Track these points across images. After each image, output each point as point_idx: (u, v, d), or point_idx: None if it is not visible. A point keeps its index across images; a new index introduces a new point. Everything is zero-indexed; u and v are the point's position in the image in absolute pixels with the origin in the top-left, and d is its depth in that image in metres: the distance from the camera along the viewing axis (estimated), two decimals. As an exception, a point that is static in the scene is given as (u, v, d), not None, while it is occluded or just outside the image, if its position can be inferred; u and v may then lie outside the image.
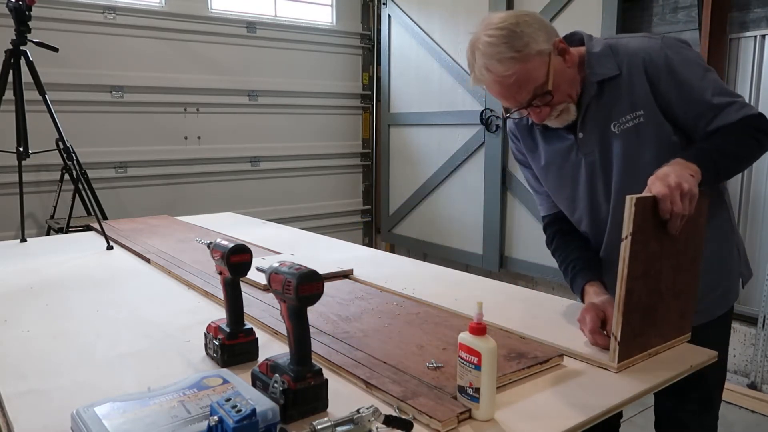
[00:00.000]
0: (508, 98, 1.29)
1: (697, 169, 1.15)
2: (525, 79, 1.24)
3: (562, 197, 1.47)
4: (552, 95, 1.26)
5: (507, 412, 0.94)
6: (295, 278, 0.89)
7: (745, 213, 3.09)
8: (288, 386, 0.90)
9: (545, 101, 1.27)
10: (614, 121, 1.32)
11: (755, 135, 1.25)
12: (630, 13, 3.36)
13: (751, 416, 2.86)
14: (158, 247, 2.13)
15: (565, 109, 1.31)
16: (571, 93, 1.31)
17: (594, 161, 1.36)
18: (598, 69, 1.30)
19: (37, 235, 3.56)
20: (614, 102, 1.31)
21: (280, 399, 0.89)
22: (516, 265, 4.05)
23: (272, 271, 0.95)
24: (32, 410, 0.95)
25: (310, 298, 0.91)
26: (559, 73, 1.27)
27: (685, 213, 1.10)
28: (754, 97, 3.00)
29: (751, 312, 3.07)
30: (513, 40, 1.22)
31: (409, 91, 4.72)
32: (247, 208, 4.23)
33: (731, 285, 1.45)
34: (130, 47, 3.99)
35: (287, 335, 0.94)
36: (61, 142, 2.68)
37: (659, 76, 1.27)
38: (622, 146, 1.31)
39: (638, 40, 1.32)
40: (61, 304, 1.51)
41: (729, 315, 1.46)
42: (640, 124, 1.29)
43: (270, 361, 0.96)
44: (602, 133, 1.33)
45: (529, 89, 1.25)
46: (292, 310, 0.92)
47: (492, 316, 1.34)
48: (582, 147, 1.36)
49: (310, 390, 0.92)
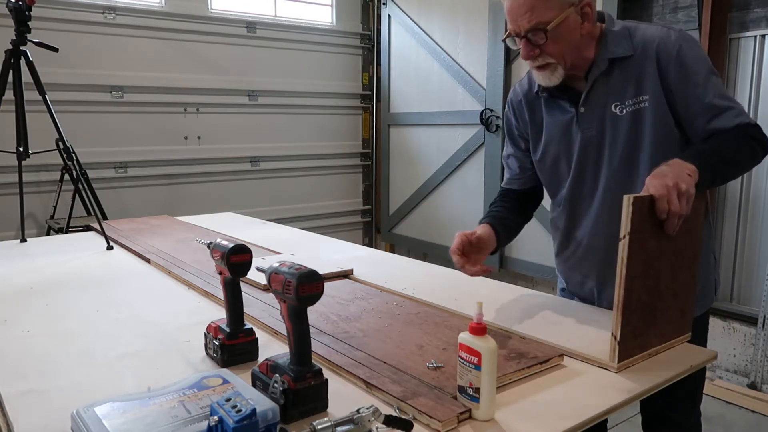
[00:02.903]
0: (512, 19, 1.30)
1: (695, 169, 1.15)
2: (534, 8, 1.25)
3: (553, 174, 1.49)
4: (546, 38, 1.27)
5: (507, 412, 0.94)
6: (295, 278, 0.90)
7: (745, 213, 3.09)
8: (288, 386, 0.90)
9: (539, 42, 1.28)
10: (618, 101, 1.33)
11: (750, 144, 1.27)
12: (630, 13, 3.36)
13: (751, 416, 2.86)
14: (158, 247, 2.13)
15: (553, 66, 1.32)
16: (567, 57, 1.32)
17: (591, 137, 1.38)
18: (612, 47, 1.32)
19: (37, 235, 3.56)
20: (622, 83, 1.33)
21: (280, 399, 0.89)
22: (516, 265, 4.05)
23: (272, 271, 0.95)
24: (32, 410, 0.95)
25: (310, 298, 0.91)
26: (568, 30, 1.28)
27: (683, 213, 1.10)
28: (754, 97, 3.00)
29: (751, 312, 3.07)
30: None
31: (409, 91, 4.72)
32: (247, 208, 4.23)
33: (707, 290, 1.46)
34: (130, 47, 3.99)
35: (287, 335, 0.94)
36: (61, 142, 2.68)
37: (669, 65, 1.28)
38: (623, 128, 1.33)
39: (656, 29, 1.33)
40: (61, 304, 1.51)
41: (705, 318, 1.47)
42: (643, 109, 1.31)
43: (270, 361, 0.96)
44: (604, 111, 1.35)
45: (532, 20, 1.26)
46: (292, 310, 0.92)
47: (492, 316, 1.34)
48: (581, 122, 1.38)
49: (311, 390, 0.92)
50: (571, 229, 1.49)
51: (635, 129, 1.32)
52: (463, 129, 4.24)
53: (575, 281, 1.54)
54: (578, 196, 1.45)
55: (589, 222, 1.44)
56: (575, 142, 1.40)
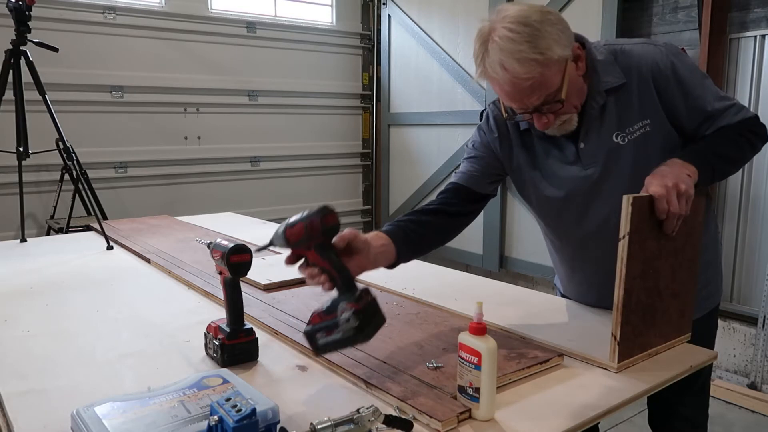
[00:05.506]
0: (516, 100, 1.20)
1: (694, 169, 1.15)
2: (540, 84, 1.15)
3: (556, 213, 1.40)
4: (563, 104, 1.19)
5: (507, 412, 0.94)
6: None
7: (745, 213, 3.09)
8: (355, 309, 0.98)
9: (554, 109, 1.20)
10: (618, 131, 1.27)
11: (749, 137, 1.26)
12: (630, 13, 3.36)
13: (751, 416, 2.86)
14: (158, 247, 2.13)
15: (568, 119, 1.24)
16: (577, 103, 1.25)
17: (594, 173, 1.30)
18: (604, 77, 1.24)
19: (37, 235, 3.56)
20: (620, 112, 1.26)
21: (354, 322, 0.97)
22: (516, 265, 4.05)
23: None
24: (32, 410, 0.95)
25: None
26: (572, 81, 1.20)
27: (682, 213, 1.10)
28: (754, 97, 3.00)
29: (751, 312, 3.07)
30: (537, 39, 1.11)
31: (409, 91, 4.72)
32: (247, 208, 4.23)
33: (716, 287, 1.46)
34: (130, 47, 3.99)
35: None
36: (61, 142, 2.68)
37: (667, 84, 1.24)
38: (630, 156, 1.27)
39: (641, 47, 1.27)
40: (61, 304, 1.51)
41: (714, 314, 1.47)
42: (647, 133, 1.26)
43: (321, 308, 1.02)
44: (606, 143, 1.28)
45: (541, 95, 1.17)
46: None
47: (492, 316, 1.34)
48: (583, 157, 1.30)
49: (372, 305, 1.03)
50: (577, 261, 1.45)
51: (641, 155, 1.26)
52: (463, 129, 4.24)
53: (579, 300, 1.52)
54: (587, 233, 1.37)
55: (596, 257, 1.37)
56: (578, 179, 1.32)
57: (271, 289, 1.59)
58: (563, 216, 1.39)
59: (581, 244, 1.41)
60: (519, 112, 1.24)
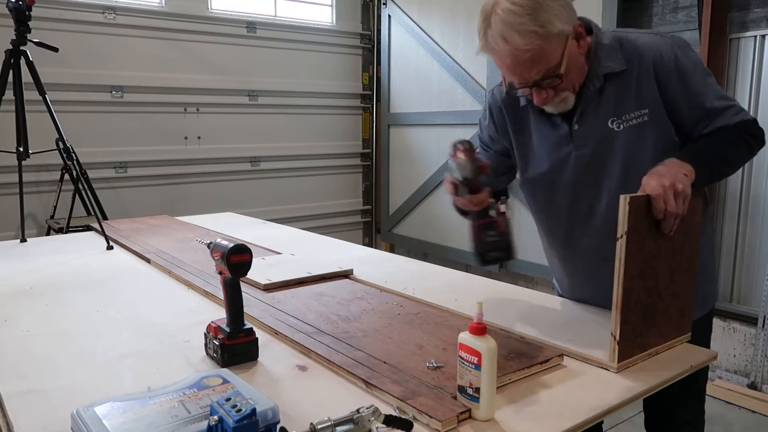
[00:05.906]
0: (516, 73, 1.22)
1: (692, 168, 1.15)
2: (540, 57, 1.18)
3: (545, 194, 1.43)
4: (561, 80, 1.22)
5: (507, 412, 0.94)
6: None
7: (745, 213, 3.08)
8: None
9: (553, 84, 1.22)
10: (615, 117, 1.28)
11: (746, 139, 1.27)
12: (630, 13, 3.36)
13: (751, 416, 2.86)
14: (158, 247, 2.13)
15: (565, 97, 1.27)
16: (576, 82, 1.27)
17: (585, 155, 1.32)
18: (605, 62, 1.26)
19: (37, 235, 3.56)
20: (618, 98, 1.28)
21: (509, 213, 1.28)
22: (516, 265, 4.04)
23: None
24: (32, 410, 0.95)
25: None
26: (572, 58, 1.22)
27: (679, 213, 1.10)
28: (754, 97, 3.00)
29: (751, 312, 3.07)
30: (538, 13, 1.14)
31: (409, 91, 4.72)
32: (247, 208, 4.23)
33: (712, 289, 1.47)
34: (130, 47, 3.99)
35: None
36: (61, 142, 2.68)
37: (669, 76, 1.24)
38: (623, 144, 1.29)
39: (648, 37, 1.28)
40: (61, 304, 1.51)
41: (710, 317, 1.47)
42: (644, 123, 1.27)
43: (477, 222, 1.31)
44: (600, 128, 1.30)
45: (540, 69, 1.19)
46: None
47: (492, 316, 1.34)
48: (576, 139, 1.32)
49: None
50: (568, 249, 1.46)
51: (634, 144, 1.28)
52: (463, 129, 4.23)
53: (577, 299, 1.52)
54: (575, 217, 1.39)
55: (588, 244, 1.39)
56: (569, 160, 1.34)
57: (271, 289, 1.59)
58: (552, 200, 1.41)
59: (568, 234, 1.43)
60: (519, 86, 1.26)
